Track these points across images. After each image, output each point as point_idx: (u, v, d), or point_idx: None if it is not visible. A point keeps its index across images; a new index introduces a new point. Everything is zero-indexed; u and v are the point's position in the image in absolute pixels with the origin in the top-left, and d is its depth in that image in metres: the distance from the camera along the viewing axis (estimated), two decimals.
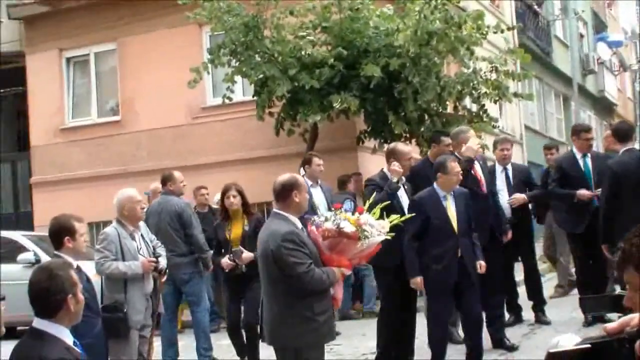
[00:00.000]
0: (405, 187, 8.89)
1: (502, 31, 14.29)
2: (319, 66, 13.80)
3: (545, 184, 11.13)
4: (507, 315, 10.59)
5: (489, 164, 11.02)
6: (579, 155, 10.48)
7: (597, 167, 10.19)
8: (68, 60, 19.43)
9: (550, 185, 10.72)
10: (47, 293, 4.10)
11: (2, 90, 20.74)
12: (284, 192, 6.28)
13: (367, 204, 6.84)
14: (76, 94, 19.47)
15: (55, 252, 6.80)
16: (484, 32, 13.98)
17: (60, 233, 6.74)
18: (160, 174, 11.57)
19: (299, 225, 6.32)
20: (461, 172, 8.49)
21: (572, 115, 32.25)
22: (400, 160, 8.73)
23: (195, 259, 10.66)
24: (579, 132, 10.73)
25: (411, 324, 9.02)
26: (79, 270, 6.59)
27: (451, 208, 8.37)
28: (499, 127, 19.15)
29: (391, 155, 8.81)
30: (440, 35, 13.43)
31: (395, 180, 8.61)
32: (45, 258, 14.28)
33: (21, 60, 19.76)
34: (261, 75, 13.90)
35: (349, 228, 6.22)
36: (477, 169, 9.48)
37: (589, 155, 10.48)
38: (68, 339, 4.15)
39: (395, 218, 6.75)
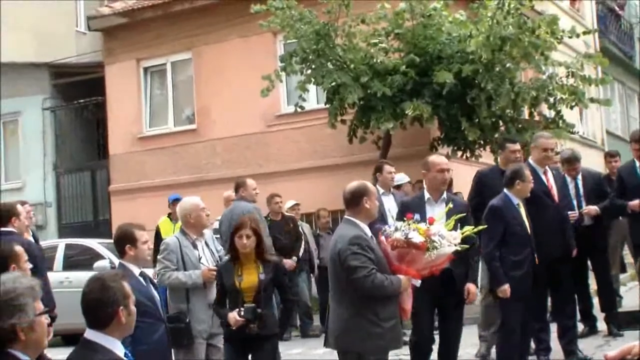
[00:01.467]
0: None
1: (578, 35, 14.02)
2: (391, 73, 13.74)
3: (605, 193, 10.60)
4: (581, 326, 10.35)
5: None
6: (638, 164, 10.15)
7: None
8: (145, 70, 19.72)
9: (610, 195, 10.36)
10: (99, 304, 4.10)
11: (82, 101, 21.12)
12: (354, 199, 6.37)
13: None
14: (153, 103, 19.75)
15: (120, 261, 6.87)
16: (559, 37, 13.73)
17: (122, 241, 6.79)
18: (235, 181, 11.67)
19: (368, 231, 6.35)
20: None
21: None
22: (431, 171, 8.08)
23: None
24: (637, 139, 10.30)
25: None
26: (143, 276, 6.72)
27: (524, 215, 8.29)
28: (577, 132, 18.88)
29: (423, 167, 8.29)
30: (514, 41, 13.24)
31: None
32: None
33: (100, 71, 20.14)
34: (333, 83, 13.87)
35: (417, 238, 6.23)
36: (550, 177, 9.23)
37: None
38: (119, 350, 4.14)
39: (469, 229, 6.75)
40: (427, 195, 7.96)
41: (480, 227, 7.19)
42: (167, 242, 8.12)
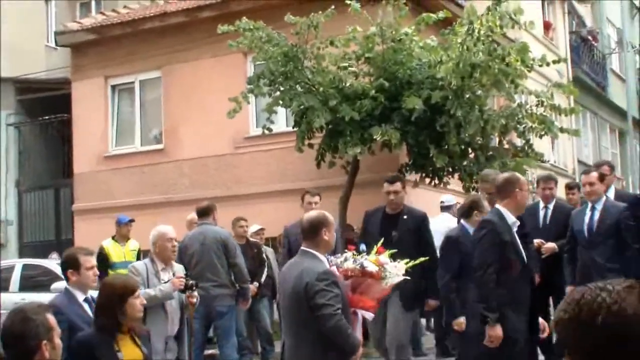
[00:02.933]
0: None
1: (548, 64, 13.89)
2: (360, 97, 13.57)
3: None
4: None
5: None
6: (542, 205, 10.47)
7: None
8: (113, 87, 19.49)
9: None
10: (21, 338, 3.87)
11: (47, 117, 20.85)
12: (313, 230, 6.13)
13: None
14: (120, 121, 19.51)
15: (66, 286, 6.70)
16: (529, 65, 13.62)
17: (66, 266, 6.66)
18: (203, 202, 11.51)
19: (327, 264, 6.17)
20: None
21: (627, 150, 31.60)
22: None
23: (234, 292, 10.57)
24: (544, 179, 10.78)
25: None
26: (89, 302, 6.51)
27: None
28: (547, 161, 18.81)
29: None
30: (484, 68, 13.07)
31: None
32: None
33: (67, 87, 19.87)
34: (301, 106, 13.68)
35: (371, 267, 6.24)
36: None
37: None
38: None
39: (409, 261, 6.68)
40: None
41: (422, 259, 7.18)
42: (134, 266, 8.08)
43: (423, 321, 13.86)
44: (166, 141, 18.66)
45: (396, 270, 6.39)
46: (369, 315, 6.41)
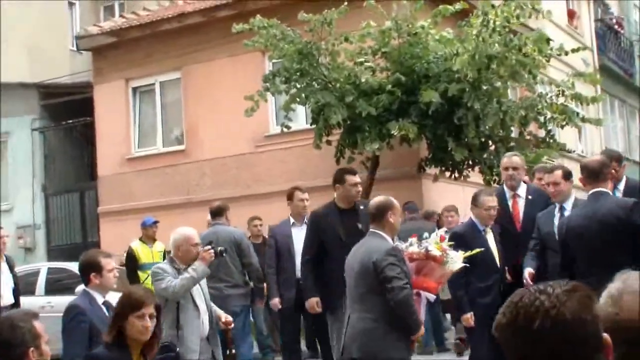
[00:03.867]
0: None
1: (567, 53, 13.78)
2: (377, 92, 13.48)
3: None
4: None
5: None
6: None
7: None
8: (134, 90, 19.53)
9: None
10: (7, 345, 3.86)
11: (71, 121, 20.95)
12: (379, 213, 6.66)
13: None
14: (142, 123, 19.55)
15: (84, 288, 6.63)
16: (547, 55, 13.47)
17: (87, 269, 6.59)
18: (225, 202, 11.56)
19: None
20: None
21: None
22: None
23: (247, 291, 10.55)
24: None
25: None
26: (107, 305, 6.47)
27: (491, 241, 8.16)
28: (573, 151, 18.60)
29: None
30: (500, 59, 12.96)
31: None
32: None
33: (89, 91, 19.94)
34: (318, 103, 13.62)
35: (435, 252, 6.86)
36: (519, 205, 8.67)
37: None
38: None
39: (467, 253, 7.25)
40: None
41: (477, 250, 7.49)
42: (160, 267, 7.86)
43: (447, 316, 13.77)
44: (187, 142, 18.68)
45: (456, 257, 6.97)
46: (432, 297, 7.02)
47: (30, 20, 22.15)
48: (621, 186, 8.40)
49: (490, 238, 8.09)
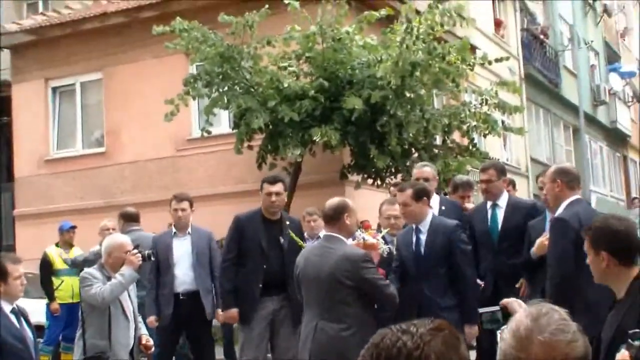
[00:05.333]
0: None
1: (490, 62, 13.80)
2: (300, 98, 13.31)
3: None
4: None
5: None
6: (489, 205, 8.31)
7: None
8: (54, 90, 19.11)
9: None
10: None
11: None
12: (335, 215, 6.56)
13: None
14: (62, 124, 19.12)
15: None
16: (470, 64, 13.46)
17: None
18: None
19: None
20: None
21: (582, 147, 31.60)
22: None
23: None
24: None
25: None
26: (15, 312, 6.20)
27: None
28: (497, 159, 18.65)
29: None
30: (424, 67, 12.90)
31: None
32: None
33: (7, 90, 19.42)
34: (240, 107, 13.40)
35: (371, 239, 7.05)
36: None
37: None
38: None
39: (383, 234, 7.64)
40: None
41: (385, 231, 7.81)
42: (90, 272, 7.55)
43: None
44: (108, 144, 18.33)
45: (381, 242, 7.23)
46: None
47: None
48: (502, 201, 8.09)
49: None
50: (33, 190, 18.71)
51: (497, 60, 13.84)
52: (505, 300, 3.20)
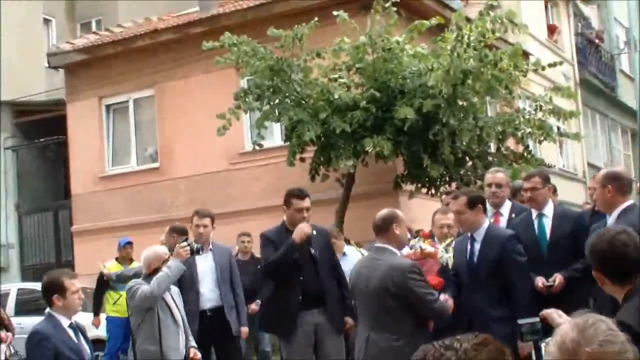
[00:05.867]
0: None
1: (544, 68, 13.61)
2: (351, 109, 13.25)
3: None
4: None
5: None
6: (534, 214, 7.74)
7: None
8: (107, 107, 19.31)
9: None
10: None
11: (43, 140, 20.67)
12: (384, 225, 6.51)
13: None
14: (116, 141, 19.33)
15: (48, 311, 6.36)
16: (523, 70, 13.29)
17: (49, 291, 6.31)
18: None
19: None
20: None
21: None
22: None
23: None
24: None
25: None
26: (73, 327, 6.28)
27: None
28: (553, 166, 18.43)
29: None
30: (476, 74, 12.76)
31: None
32: None
33: (63, 109, 19.70)
34: (291, 120, 13.39)
35: (430, 248, 7.15)
36: (502, 224, 7.92)
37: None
38: None
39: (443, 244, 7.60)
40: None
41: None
42: (135, 281, 7.74)
43: None
44: (161, 160, 18.45)
45: (443, 250, 7.22)
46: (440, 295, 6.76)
47: (4, 38, 21.86)
48: (549, 210, 7.62)
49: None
50: (89, 207, 18.91)
51: (550, 66, 13.64)
52: (545, 312, 3.11)
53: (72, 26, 26.47)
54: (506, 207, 8.17)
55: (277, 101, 13.63)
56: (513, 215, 8.08)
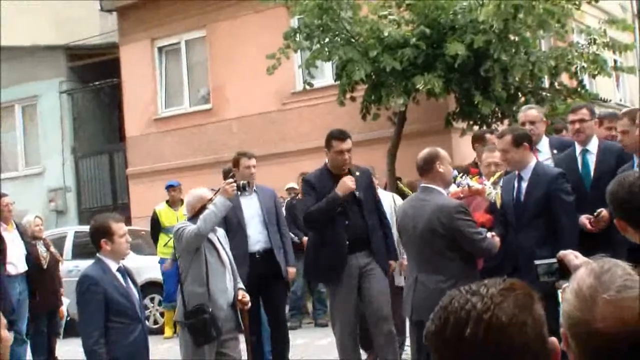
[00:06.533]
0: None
1: (597, 0, 13.30)
2: (401, 46, 13.12)
3: None
4: None
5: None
6: (578, 149, 7.52)
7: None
8: (160, 49, 19.36)
9: None
10: None
11: (98, 83, 20.81)
12: (427, 165, 6.52)
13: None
14: (168, 83, 19.38)
15: (97, 255, 6.38)
16: (577, 3, 13.01)
17: (98, 235, 6.28)
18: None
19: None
20: None
21: None
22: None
23: None
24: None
25: None
26: (121, 272, 6.30)
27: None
28: (609, 100, 18.12)
29: None
30: (527, 8, 12.52)
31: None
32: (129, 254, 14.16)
33: (116, 52, 19.80)
34: (341, 59, 13.31)
35: (477, 185, 7.07)
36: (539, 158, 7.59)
37: None
38: None
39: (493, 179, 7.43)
40: None
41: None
42: (182, 223, 7.80)
43: None
44: (214, 101, 18.50)
45: (490, 187, 7.12)
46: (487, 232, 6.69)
47: None
48: (593, 146, 7.36)
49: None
50: (144, 149, 19.09)
51: None
52: (562, 253, 3.08)
53: None
54: (544, 143, 7.94)
55: (326, 40, 13.56)
56: (555, 151, 7.94)
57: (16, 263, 10.61)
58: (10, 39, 19.84)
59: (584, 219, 6.87)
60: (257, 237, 8.92)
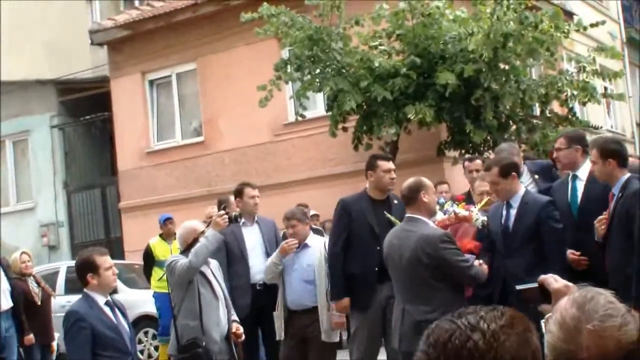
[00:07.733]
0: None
1: (585, 28, 13.40)
2: (392, 76, 13.18)
3: None
4: None
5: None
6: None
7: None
8: (151, 82, 19.38)
9: None
10: None
11: (89, 117, 20.82)
12: (412, 195, 6.55)
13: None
14: (160, 116, 19.39)
15: (84, 291, 6.35)
16: (565, 31, 13.09)
17: (82, 270, 6.28)
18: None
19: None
20: None
21: None
22: None
23: None
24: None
25: None
26: (110, 305, 6.27)
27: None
28: (600, 127, 18.17)
29: None
30: (516, 37, 12.62)
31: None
32: (122, 289, 14.10)
33: (107, 85, 19.81)
34: (332, 89, 13.34)
35: (463, 212, 7.03)
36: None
37: None
38: None
39: (479, 205, 7.38)
40: None
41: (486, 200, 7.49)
42: (174, 256, 7.83)
43: None
44: (206, 133, 18.50)
45: (479, 213, 7.08)
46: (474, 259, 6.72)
47: (48, 16, 22.03)
48: (583, 172, 7.25)
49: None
50: (136, 183, 19.06)
51: (592, 26, 13.40)
52: (542, 277, 3.10)
53: (116, 2, 26.52)
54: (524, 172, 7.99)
55: (317, 71, 13.60)
56: (536, 176, 7.97)
57: (2, 299, 10.54)
58: (1, 74, 19.87)
59: (570, 254, 6.90)
60: (259, 267, 8.86)
